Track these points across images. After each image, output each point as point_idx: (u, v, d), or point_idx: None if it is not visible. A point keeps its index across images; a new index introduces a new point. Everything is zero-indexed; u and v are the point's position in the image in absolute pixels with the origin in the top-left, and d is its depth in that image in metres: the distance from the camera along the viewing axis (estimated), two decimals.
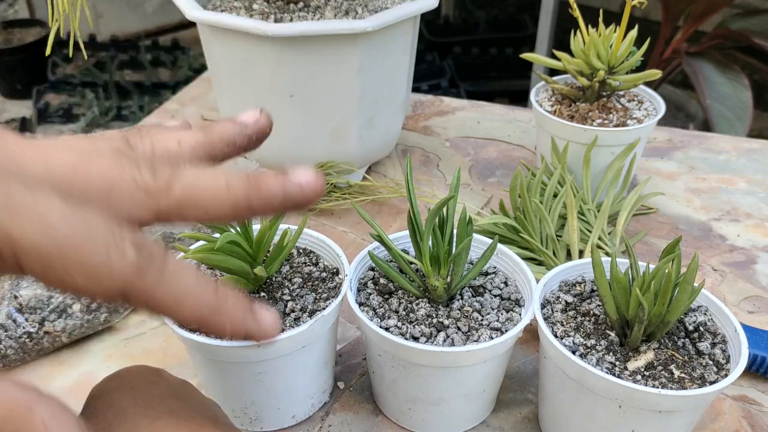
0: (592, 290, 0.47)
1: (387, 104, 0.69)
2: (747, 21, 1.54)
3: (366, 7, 0.66)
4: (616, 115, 0.67)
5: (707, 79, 1.42)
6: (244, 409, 0.47)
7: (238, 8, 0.66)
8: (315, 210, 0.70)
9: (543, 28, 1.85)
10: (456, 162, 0.80)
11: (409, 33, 0.67)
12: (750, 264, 0.64)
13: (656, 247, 0.66)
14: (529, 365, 0.53)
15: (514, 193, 0.61)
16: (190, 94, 0.96)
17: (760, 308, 0.59)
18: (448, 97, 0.95)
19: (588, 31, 0.66)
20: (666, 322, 0.41)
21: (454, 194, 0.45)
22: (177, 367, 0.53)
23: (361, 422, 0.49)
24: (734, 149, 0.82)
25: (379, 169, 0.78)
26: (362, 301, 0.46)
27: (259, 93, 0.65)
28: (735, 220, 0.70)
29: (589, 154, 0.66)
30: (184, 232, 0.48)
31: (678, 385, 0.40)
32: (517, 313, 0.46)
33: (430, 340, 0.43)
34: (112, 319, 0.56)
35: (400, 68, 0.68)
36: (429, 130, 0.86)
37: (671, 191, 0.74)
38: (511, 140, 0.84)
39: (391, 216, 0.71)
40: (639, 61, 0.66)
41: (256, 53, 0.62)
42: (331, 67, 0.62)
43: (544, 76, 0.72)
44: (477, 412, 0.48)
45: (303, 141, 0.67)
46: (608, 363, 0.41)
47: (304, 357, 0.45)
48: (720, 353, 0.42)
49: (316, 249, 0.51)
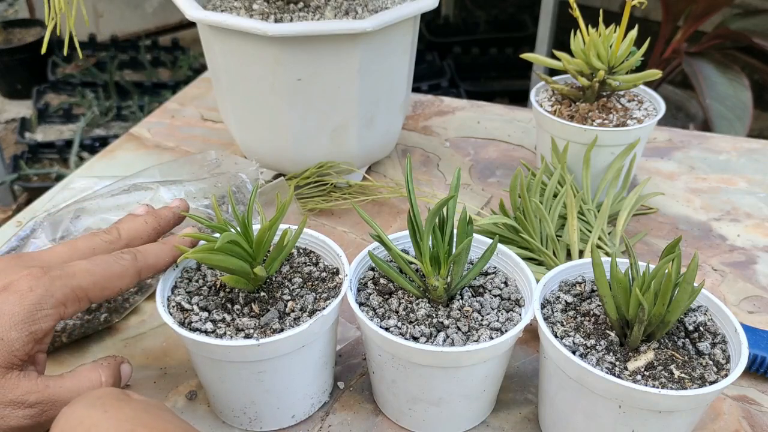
0: (592, 290, 0.47)
1: (387, 104, 0.69)
2: (747, 21, 1.54)
3: (366, 7, 0.66)
4: (616, 115, 0.67)
5: (707, 79, 1.42)
6: (244, 409, 0.47)
7: (238, 8, 0.66)
8: (315, 210, 0.70)
9: (543, 28, 1.85)
10: (456, 162, 0.80)
11: (409, 33, 0.67)
12: (750, 264, 0.64)
13: (656, 247, 0.66)
14: (529, 365, 0.53)
15: (514, 193, 0.61)
16: (190, 94, 0.96)
17: (760, 308, 0.59)
18: (448, 97, 0.95)
19: (588, 31, 0.66)
20: (666, 322, 0.41)
21: (454, 194, 0.45)
22: (177, 367, 0.53)
23: (361, 422, 0.49)
24: (734, 149, 0.82)
25: (379, 169, 0.78)
26: (362, 301, 0.46)
27: (259, 93, 0.65)
28: (735, 220, 0.70)
29: (589, 154, 0.66)
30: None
31: (678, 385, 0.40)
32: (517, 313, 0.46)
33: (430, 340, 0.43)
34: (111, 319, 0.56)
35: (400, 68, 0.69)
36: (429, 130, 0.86)
37: (671, 191, 0.74)
38: (511, 140, 0.84)
39: (391, 216, 0.71)
40: (639, 61, 0.66)
41: (256, 53, 0.62)
42: (331, 67, 0.62)
43: (544, 76, 0.72)
44: (477, 412, 0.48)
45: (303, 141, 0.67)
46: (608, 363, 0.41)
47: (303, 357, 0.45)
48: (720, 353, 0.42)
49: (316, 249, 0.51)
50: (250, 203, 0.47)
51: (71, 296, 0.41)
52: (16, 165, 1.90)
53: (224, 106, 0.72)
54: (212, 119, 0.90)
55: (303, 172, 0.70)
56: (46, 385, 0.40)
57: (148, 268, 0.45)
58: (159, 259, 0.46)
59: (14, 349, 0.38)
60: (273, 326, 0.43)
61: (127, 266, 0.43)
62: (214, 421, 0.49)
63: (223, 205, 0.61)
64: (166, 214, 0.50)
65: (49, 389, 0.40)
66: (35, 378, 0.40)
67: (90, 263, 0.42)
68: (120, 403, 0.34)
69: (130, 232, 0.47)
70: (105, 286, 0.42)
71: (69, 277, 0.41)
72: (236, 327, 0.44)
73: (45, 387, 0.40)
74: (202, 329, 0.43)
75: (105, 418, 0.33)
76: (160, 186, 0.60)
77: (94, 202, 0.58)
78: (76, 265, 0.42)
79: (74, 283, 0.41)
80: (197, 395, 0.51)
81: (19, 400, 0.38)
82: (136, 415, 0.34)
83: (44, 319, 0.39)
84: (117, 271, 0.43)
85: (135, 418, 0.33)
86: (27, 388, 0.39)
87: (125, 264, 0.43)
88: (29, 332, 0.39)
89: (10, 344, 0.38)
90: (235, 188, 0.61)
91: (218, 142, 0.84)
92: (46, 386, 0.40)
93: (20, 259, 0.42)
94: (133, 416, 0.34)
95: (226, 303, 0.46)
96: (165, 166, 0.64)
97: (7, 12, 2.59)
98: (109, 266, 0.43)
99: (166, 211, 0.50)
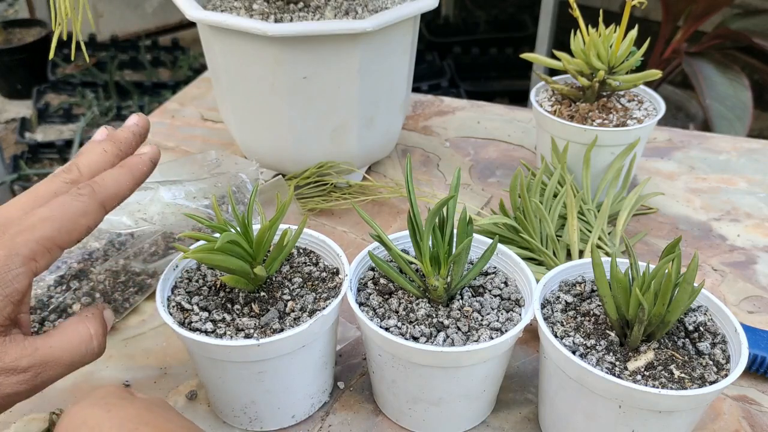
0: (592, 290, 0.47)
1: (387, 104, 0.69)
2: (747, 21, 1.54)
3: (366, 7, 0.66)
4: (616, 115, 0.67)
5: (707, 79, 1.42)
6: (244, 409, 0.47)
7: (238, 8, 0.66)
8: (315, 210, 0.70)
9: (543, 28, 1.85)
10: (456, 162, 0.80)
11: (409, 33, 0.67)
12: (750, 264, 0.64)
13: (656, 247, 0.66)
14: (529, 365, 0.53)
15: (514, 193, 0.61)
16: (190, 94, 0.96)
17: (760, 308, 0.59)
18: (448, 97, 0.95)
19: (588, 31, 0.66)
20: (666, 322, 0.41)
21: (454, 194, 0.45)
22: (177, 367, 0.53)
23: (361, 422, 0.49)
24: (734, 149, 0.82)
25: (379, 169, 0.78)
26: (362, 301, 0.46)
27: (259, 93, 0.65)
28: (735, 220, 0.70)
29: (589, 154, 0.66)
30: (184, 232, 0.48)
31: (678, 385, 0.40)
32: (517, 313, 0.46)
33: (430, 340, 0.43)
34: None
35: (400, 68, 0.69)
36: (429, 130, 0.86)
37: (671, 191, 0.74)
38: (511, 140, 0.84)
39: (391, 216, 0.71)
40: (639, 61, 0.66)
41: (256, 53, 0.62)
42: (331, 67, 0.62)
43: (544, 76, 0.72)
44: (477, 412, 0.48)
45: (303, 141, 0.67)
46: (608, 363, 0.41)
47: (303, 357, 0.45)
48: (720, 353, 0.42)
49: (316, 249, 0.51)
50: (250, 203, 0.47)
51: (38, 249, 0.38)
52: (16, 165, 1.90)
53: (224, 106, 0.72)
54: (212, 119, 0.90)
55: (303, 172, 0.70)
56: (35, 347, 0.38)
57: (110, 198, 0.41)
58: (120, 185, 0.42)
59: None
60: (273, 326, 0.43)
61: (87, 201, 0.40)
62: (214, 420, 0.49)
63: (223, 205, 0.61)
64: (126, 135, 0.45)
65: (38, 351, 0.38)
66: (22, 341, 0.38)
67: (48, 209, 0.39)
68: (123, 402, 0.34)
69: (91, 167, 0.43)
70: (71, 228, 0.40)
71: (30, 230, 0.38)
72: (236, 327, 0.44)
73: (34, 349, 0.38)
74: (202, 329, 0.43)
75: (108, 417, 0.33)
76: (160, 186, 0.60)
77: None
78: (34, 215, 0.39)
79: (37, 235, 0.38)
80: (197, 395, 0.51)
81: (10, 366, 0.37)
82: (140, 414, 0.34)
83: (16, 279, 0.38)
84: (79, 210, 0.40)
85: (138, 417, 0.33)
86: (16, 353, 0.37)
87: (84, 200, 0.40)
88: (4, 296, 0.37)
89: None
90: (235, 188, 0.61)
91: (218, 142, 0.84)
92: (35, 348, 0.38)
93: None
94: (137, 415, 0.34)
95: (226, 303, 0.46)
96: (165, 166, 0.64)
97: (7, 12, 2.59)
98: (69, 207, 0.40)
99: (124, 133, 0.45)
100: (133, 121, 0.46)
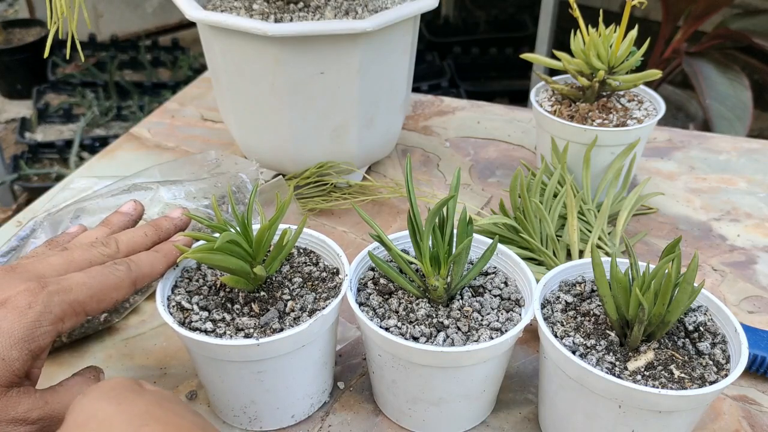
0: (592, 290, 0.47)
1: (387, 104, 0.69)
2: (747, 21, 1.54)
3: (366, 7, 0.66)
4: (616, 115, 0.67)
5: (707, 79, 1.42)
6: (244, 409, 0.47)
7: (238, 8, 0.66)
8: (315, 210, 0.70)
9: (543, 28, 1.85)
10: (456, 162, 0.80)
11: (409, 33, 0.67)
12: (750, 264, 0.64)
13: (656, 247, 0.66)
14: (529, 365, 0.53)
15: (514, 193, 0.61)
16: (190, 94, 0.96)
17: (760, 308, 0.59)
18: (448, 97, 0.95)
19: (588, 31, 0.66)
20: (666, 322, 0.41)
21: (454, 194, 0.45)
22: (177, 367, 0.53)
23: (361, 422, 0.49)
24: (734, 149, 0.82)
25: (379, 169, 0.78)
26: (362, 301, 0.46)
27: (259, 93, 0.65)
28: (735, 220, 0.70)
29: (589, 154, 0.66)
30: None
31: (678, 385, 0.40)
32: (517, 313, 0.46)
33: (430, 340, 0.43)
34: (112, 319, 0.56)
35: (400, 68, 0.69)
36: (429, 130, 0.86)
37: (671, 191, 0.74)
38: (511, 140, 0.84)
39: (391, 216, 0.71)
40: (639, 61, 0.66)
41: (256, 53, 0.62)
42: (331, 67, 0.62)
43: (544, 76, 0.72)
44: (477, 412, 0.48)
45: (303, 141, 0.67)
46: (608, 363, 0.41)
47: (303, 356, 0.45)
48: (720, 353, 0.42)
49: (316, 249, 0.51)
50: (250, 203, 0.47)
51: (69, 311, 0.41)
52: (16, 165, 1.90)
53: (224, 106, 0.72)
54: (212, 119, 0.90)
55: (303, 172, 0.70)
56: (46, 401, 0.40)
57: (142, 277, 0.45)
58: (153, 268, 0.45)
59: (15, 368, 0.38)
60: (273, 326, 0.43)
61: (123, 277, 0.43)
62: (214, 420, 0.49)
63: (223, 205, 0.61)
64: (167, 226, 0.49)
65: (48, 405, 0.40)
66: (34, 394, 0.40)
67: (86, 276, 0.42)
68: (133, 395, 0.34)
69: (129, 245, 0.46)
70: (101, 298, 0.42)
71: (66, 291, 0.41)
72: (236, 326, 0.44)
73: (45, 403, 0.40)
74: (202, 329, 0.43)
75: (118, 411, 0.33)
76: (160, 186, 0.60)
77: (94, 202, 0.58)
78: (72, 278, 0.41)
79: (71, 298, 0.41)
80: (197, 395, 0.51)
81: (21, 417, 0.38)
82: (149, 409, 0.33)
83: (43, 336, 0.39)
84: (113, 283, 0.43)
85: (148, 412, 0.33)
86: (28, 406, 0.39)
87: (120, 275, 0.43)
88: (29, 350, 0.39)
89: (11, 363, 0.38)
90: (235, 188, 0.61)
91: (218, 142, 0.84)
92: (45, 402, 0.40)
93: (14, 271, 0.42)
94: (146, 410, 0.33)
95: (226, 302, 0.46)
96: (165, 166, 0.64)
97: (7, 12, 2.59)
98: (105, 278, 0.42)
99: (166, 222, 0.49)
100: (176, 215, 0.50)
